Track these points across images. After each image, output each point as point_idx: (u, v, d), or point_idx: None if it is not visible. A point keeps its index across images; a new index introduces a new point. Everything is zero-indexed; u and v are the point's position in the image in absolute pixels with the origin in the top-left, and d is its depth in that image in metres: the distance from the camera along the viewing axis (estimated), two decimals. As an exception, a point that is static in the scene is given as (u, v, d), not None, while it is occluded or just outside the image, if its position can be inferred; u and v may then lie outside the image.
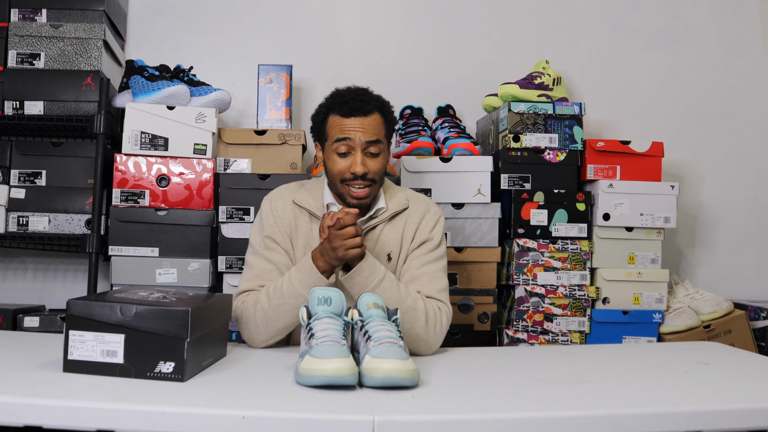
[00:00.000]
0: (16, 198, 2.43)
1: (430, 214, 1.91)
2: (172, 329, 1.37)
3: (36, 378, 1.35)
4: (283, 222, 1.88)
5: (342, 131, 1.80)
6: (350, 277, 1.74)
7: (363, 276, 1.73)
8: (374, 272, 1.74)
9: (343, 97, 1.83)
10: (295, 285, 1.73)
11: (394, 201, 1.90)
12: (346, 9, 2.94)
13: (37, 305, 2.52)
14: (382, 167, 1.83)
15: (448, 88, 2.88)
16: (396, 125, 1.92)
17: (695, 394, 1.42)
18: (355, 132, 1.79)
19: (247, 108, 2.83)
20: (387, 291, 1.73)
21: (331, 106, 1.84)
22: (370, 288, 1.72)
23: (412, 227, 1.89)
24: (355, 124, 1.79)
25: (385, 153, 1.85)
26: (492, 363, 1.75)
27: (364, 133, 1.79)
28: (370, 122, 1.80)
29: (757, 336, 2.53)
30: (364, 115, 1.80)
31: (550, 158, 2.49)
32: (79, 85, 2.41)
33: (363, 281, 1.73)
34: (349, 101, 1.81)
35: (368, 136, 1.80)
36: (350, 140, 1.79)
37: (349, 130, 1.79)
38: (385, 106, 1.87)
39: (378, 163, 1.82)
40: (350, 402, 1.27)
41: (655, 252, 2.50)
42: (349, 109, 1.80)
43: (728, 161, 2.98)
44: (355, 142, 1.79)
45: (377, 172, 1.82)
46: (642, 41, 2.98)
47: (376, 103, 1.84)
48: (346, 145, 1.80)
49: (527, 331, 2.43)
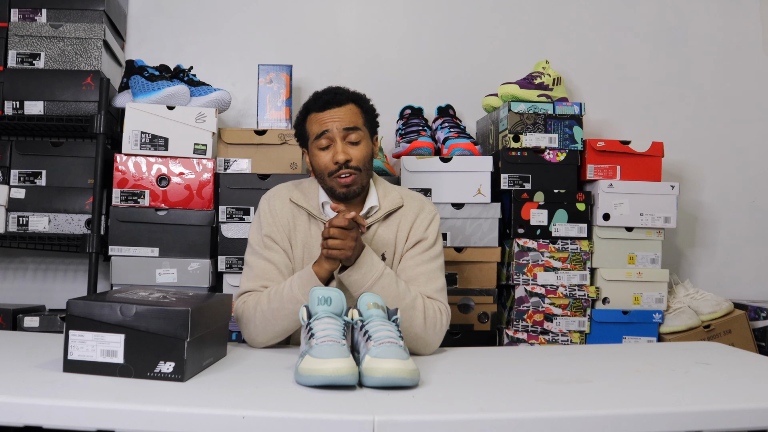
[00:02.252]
0: (16, 198, 2.43)
1: (425, 213, 1.91)
2: (172, 329, 1.37)
3: (36, 378, 1.35)
4: (282, 221, 1.88)
5: (320, 125, 1.84)
6: (348, 274, 1.74)
7: (360, 273, 1.73)
8: (372, 269, 1.73)
9: (317, 95, 1.89)
10: (294, 290, 1.73)
11: (388, 200, 1.90)
12: (346, 9, 2.94)
13: (37, 305, 2.52)
14: (365, 155, 1.85)
15: (448, 88, 2.88)
16: (377, 117, 1.94)
17: (695, 394, 1.42)
18: (332, 122, 1.83)
19: (247, 108, 2.83)
20: (385, 288, 1.73)
21: (308, 106, 1.89)
22: (368, 285, 1.72)
23: (406, 226, 1.89)
24: (331, 115, 1.83)
25: (367, 141, 1.86)
26: (492, 363, 1.75)
27: (341, 122, 1.83)
28: (345, 111, 1.84)
29: (757, 336, 2.53)
30: (339, 106, 1.84)
31: (550, 158, 2.49)
32: (79, 85, 2.41)
33: (361, 278, 1.73)
34: (322, 96, 1.87)
35: (345, 123, 1.83)
36: (329, 132, 1.82)
37: (326, 122, 1.83)
38: (360, 98, 1.91)
39: (359, 150, 1.83)
40: (350, 402, 1.27)
41: (655, 252, 2.50)
42: (323, 102, 1.85)
43: (728, 161, 2.98)
44: (333, 133, 1.82)
45: (360, 159, 1.83)
46: (642, 41, 2.98)
47: (349, 95, 1.88)
48: (326, 138, 1.83)
49: (527, 331, 2.43)
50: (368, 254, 1.75)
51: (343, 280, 1.75)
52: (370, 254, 1.76)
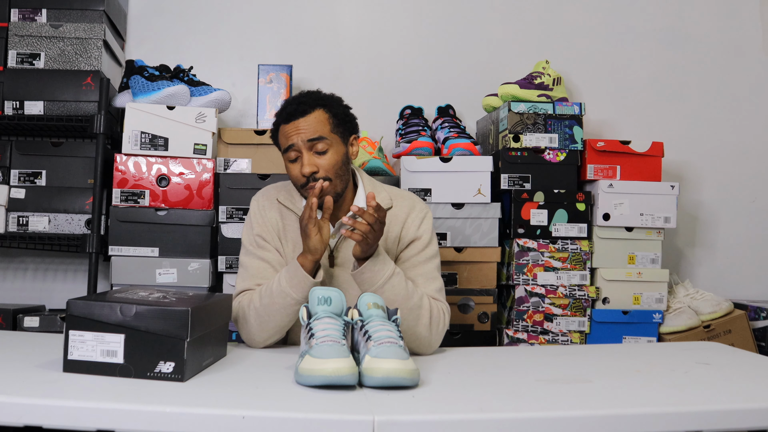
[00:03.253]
0: (16, 198, 2.42)
1: (416, 212, 1.89)
2: (172, 329, 1.37)
3: (36, 378, 1.35)
4: (271, 221, 1.89)
5: (286, 139, 1.81)
6: (361, 272, 1.73)
7: (373, 271, 1.72)
8: (384, 268, 1.72)
9: (284, 105, 1.85)
10: (283, 284, 1.73)
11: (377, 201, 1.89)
12: (346, 9, 2.94)
13: (37, 305, 2.52)
14: (334, 163, 1.80)
15: (448, 88, 2.88)
16: (353, 119, 1.89)
17: (695, 394, 1.42)
18: (296, 135, 1.79)
19: (247, 108, 2.83)
20: (396, 287, 1.72)
21: (277, 116, 1.86)
22: (379, 284, 1.71)
23: (397, 227, 1.87)
24: (296, 127, 1.79)
25: (336, 148, 1.81)
26: (492, 363, 1.75)
27: (305, 133, 1.79)
28: (309, 121, 1.79)
29: (757, 336, 2.53)
30: (303, 115, 1.80)
31: (550, 158, 2.49)
32: (79, 85, 2.41)
33: (373, 276, 1.72)
34: (287, 107, 1.83)
35: (308, 134, 1.79)
36: (294, 145, 1.79)
37: (291, 135, 1.80)
38: (329, 101, 1.85)
39: (327, 160, 1.79)
40: (350, 402, 1.27)
41: (655, 252, 2.50)
42: (287, 114, 1.81)
43: (728, 161, 2.98)
44: (298, 145, 1.79)
45: (328, 168, 1.79)
46: (642, 41, 2.98)
47: (316, 101, 1.82)
48: (294, 151, 1.80)
49: (527, 331, 2.43)
50: (382, 253, 1.74)
51: (355, 278, 1.74)
52: (384, 253, 1.75)
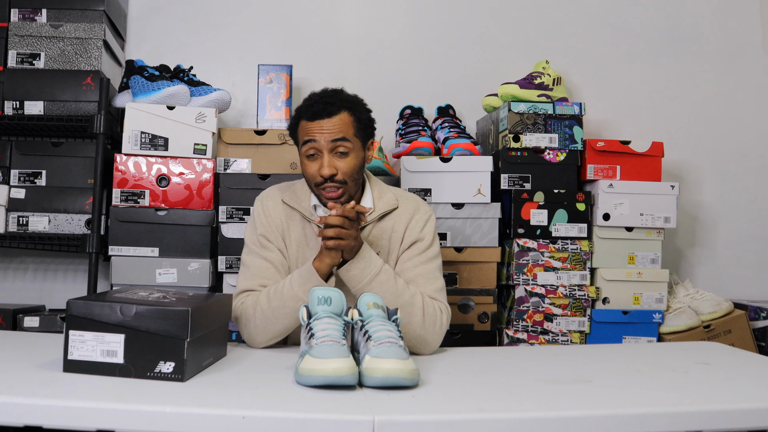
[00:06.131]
0: (16, 198, 2.42)
1: (420, 214, 1.91)
2: (172, 329, 1.37)
3: (36, 378, 1.35)
4: (275, 222, 1.89)
5: (308, 134, 1.81)
6: (346, 270, 1.74)
7: (359, 267, 1.73)
8: (371, 264, 1.74)
9: (310, 101, 1.85)
10: (295, 288, 1.73)
11: (383, 201, 1.90)
12: (346, 9, 2.94)
13: (37, 305, 2.52)
14: (353, 167, 1.81)
15: (448, 88, 2.88)
16: (373, 123, 1.90)
17: (695, 394, 1.42)
18: (320, 134, 1.79)
19: (247, 108, 2.83)
20: (383, 284, 1.73)
21: (300, 111, 1.86)
22: (366, 280, 1.72)
23: (401, 228, 1.88)
24: (320, 126, 1.79)
25: (356, 152, 1.82)
26: (492, 363, 1.75)
27: (329, 134, 1.79)
28: (335, 122, 1.80)
29: (757, 336, 2.53)
30: (329, 117, 1.80)
31: (550, 158, 2.49)
32: (79, 85, 2.41)
33: (359, 273, 1.73)
34: (313, 105, 1.82)
35: (333, 135, 1.79)
36: (315, 142, 1.80)
37: (314, 133, 1.80)
38: (356, 105, 1.85)
39: (347, 163, 1.80)
40: (350, 402, 1.27)
41: (655, 252, 2.50)
42: (313, 112, 1.81)
43: (728, 161, 2.98)
44: (320, 144, 1.79)
45: (347, 172, 1.80)
46: (642, 41, 2.98)
47: (343, 103, 1.83)
48: (313, 148, 1.81)
49: (527, 331, 2.43)
50: (367, 249, 1.76)
51: (341, 275, 1.75)
52: (369, 250, 1.77)
